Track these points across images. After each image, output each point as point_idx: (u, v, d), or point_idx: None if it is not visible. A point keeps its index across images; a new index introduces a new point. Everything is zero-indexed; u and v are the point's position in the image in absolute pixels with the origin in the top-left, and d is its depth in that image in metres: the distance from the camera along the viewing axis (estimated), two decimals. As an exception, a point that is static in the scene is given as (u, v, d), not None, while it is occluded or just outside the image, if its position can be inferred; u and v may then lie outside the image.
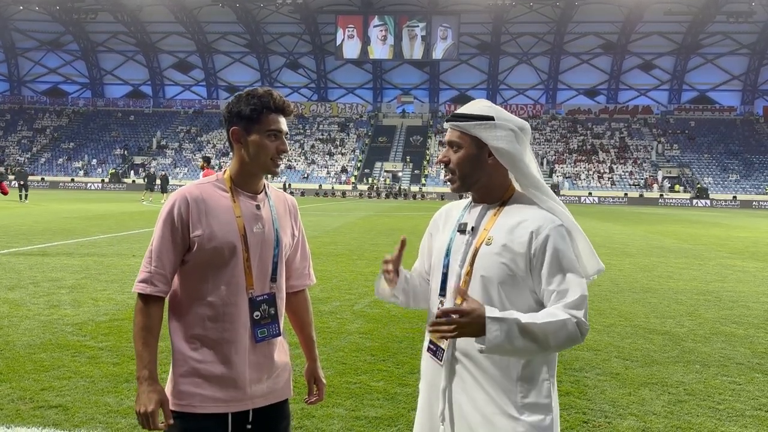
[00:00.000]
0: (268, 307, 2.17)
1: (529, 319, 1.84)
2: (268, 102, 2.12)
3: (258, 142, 2.12)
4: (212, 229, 2.09)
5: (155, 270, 2.10)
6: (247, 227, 2.13)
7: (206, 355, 2.10)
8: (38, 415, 4.12)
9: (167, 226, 2.11)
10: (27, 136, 75.39)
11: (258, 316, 2.14)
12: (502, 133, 1.99)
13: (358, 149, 72.12)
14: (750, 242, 19.16)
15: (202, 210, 2.10)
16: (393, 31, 73.26)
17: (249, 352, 2.13)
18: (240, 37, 78.47)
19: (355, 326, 6.80)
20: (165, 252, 2.10)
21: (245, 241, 2.12)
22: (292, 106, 2.21)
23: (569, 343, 1.90)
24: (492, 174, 2.04)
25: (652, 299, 8.98)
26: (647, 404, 4.64)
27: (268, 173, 2.20)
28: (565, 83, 79.71)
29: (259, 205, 2.19)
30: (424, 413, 2.12)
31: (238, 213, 2.13)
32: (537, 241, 1.93)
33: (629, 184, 63.39)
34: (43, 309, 7.25)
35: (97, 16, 71.34)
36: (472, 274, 1.99)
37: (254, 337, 2.14)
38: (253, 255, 2.14)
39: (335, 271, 10.86)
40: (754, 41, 72.28)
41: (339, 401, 4.48)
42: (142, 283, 2.11)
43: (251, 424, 2.15)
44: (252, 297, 2.14)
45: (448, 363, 2.00)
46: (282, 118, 2.16)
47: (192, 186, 2.18)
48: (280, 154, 2.15)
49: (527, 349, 1.86)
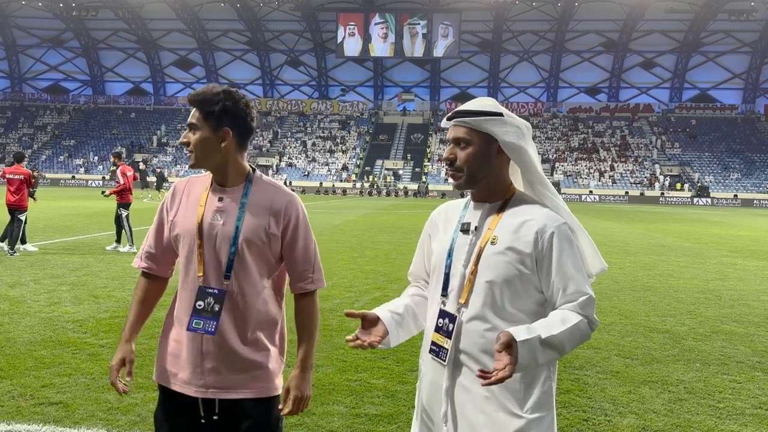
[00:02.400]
0: (214, 301, 2.16)
1: (549, 331, 1.84)
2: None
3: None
4: (179, 216, 2.24)
5: (146, 249, 2.33)
6: (205, 217, 2.19)
7: (173, 334, 2.25)
8: (39, 411, 4.12)
9: (158, 212, 2.32)
10: (28, 134, 75.37)
11: (200, 306, 2.16)
12: (512, 129, 2.00)
13: (359, 147, 72.09)
14: (751, 241, 19.15)
15: (179, 198, 2.27)
16: (394, 28, 73.16)
17: (203, 340, 2.16)
18: (241, 35, 78.43)
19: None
20: (154, 234, 2.32)
21: (200, 230, 2.18)
22: (195, 95, 2.23)
23: (582, 342, 1.93)
24: (497, 171, 2.04)
25: (653, 297, 8.98)
26: (647, 402, 4.64)
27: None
28: (566, 81, 79.61)
29: (222, 198, 2.21)
30: (423, 413, 2.10)
31: (202, 203, 2.21)
32: (542, 240, 1.92)
33: (630, 183, 63.34)
34: (44, 306, 7.26)
35: (98, 13, 71.25)
36: (476, 273, 1.97)
37: (188, 324, 2.16)
38: (207, 245, 2.17)
39: (336, 268, 10.86)
40: (755, 39, 72.16)
41: (339, 398, 4.49)
42: (137, 259, 2.36)
43: (218, 416, 2.17)
44: (201, 286, 2.17)
45: (452, 363, 1.99)
46: (193, 110, 2.23)
47: (188, 177, 2.35)
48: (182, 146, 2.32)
49: (550, 358, 1.89)
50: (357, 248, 14.01)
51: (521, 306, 1.94)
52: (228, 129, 2.18)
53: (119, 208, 12.95)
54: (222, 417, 2.17)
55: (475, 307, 1.96)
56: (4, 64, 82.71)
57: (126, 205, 12.98)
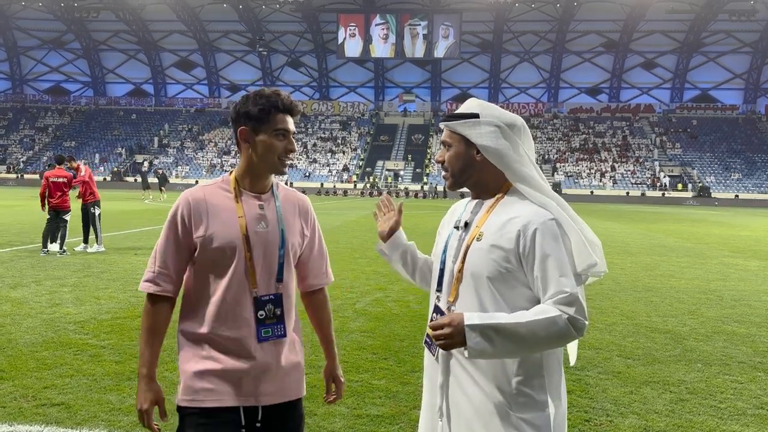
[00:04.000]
0: (274, 307, 2.18)
1: (512, 319, 1.84)
2: (276, 102, 2.15)
3: (266, 141, 2.15)
4: (214, 229, 2.13)
5: (159, 270, 2.17)
6: (249, 227, 2.15)
7: (213, 353, 2.13)
8: (40, 413, 4.12)
9: (171, 229, 2.18)
10: (29, 135, 75.46)
11: (263, 316, 2.15)
12: (487, 130, 2.02)
13: (360, 148, 72.11)
14: (752, 241, 19.14)
15: (204, 211, 2.15)
16: (395, 29, 73.21)
17: (255, 350, 2.14)
18: (242, 36, 78.49)
19: (356, 324, 6.81)
20: (169, 253, 2.17)
21: (247, 241, 2.13)
22: (299, 106, 2.24)
23: (562, 340, 1.88)
24: (483, 171, 2.06)
25: (654, 298, 8.98)
26: (649, 403, 4.64)
27: (275, 173, 2.23)
28: (566, 82, 79.62)
29: (263, 205, 2.20)
30: (427, 409, 2.13)
31: (241, 213, 2.15)
32: (525, 237, 1.92)
33: (631, 183, 63.30)
34: (46, 307, 7.27)
35: (99, 15, 71.38)
36: (463, 270, 1.99)
37: (257, 337, 2.15)
38: (257, 254, 2.15)
39: (337, 269, 10.82)
40: (756, 39, 72.14)
41: (341, 399, 4.49)
42: (147, 282, 2.18)
43: (261, 422, 2.16)
44: (257, 296, 2.15)
45: (443, 358, 2.02)
46: (289, 118, 2.18)
47: (197, 188, 2.23)
48: (287, 153, 2.18)
49: (514, 349, 1.87)
50: (358, 249, 14.01)
51: (511, 302, 1.93)
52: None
53: (92, 207, 12.91)
54: (264, 423, 2.18)
55: (464, 303, 1.98)
56: (6, 65, 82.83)
57: (98, 203, 13.06)
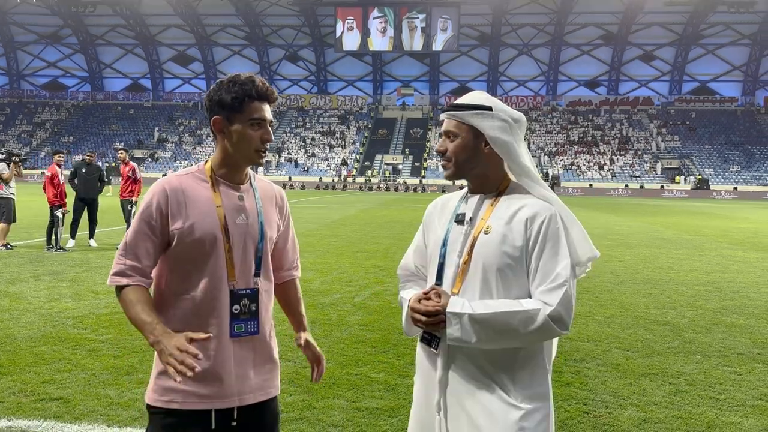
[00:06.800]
0: (249, 302, 2.08)
1: (487, 309, 1.88)
2: (250, 89, 2.03)
3: (241, 131, 2.03)
4: (192, 220, 2.01)
5: (130, 263, 2.02)
6: (228, 218, 2.05)
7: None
8: (39, 407, 4.12)
9: (144, 220, 2.03)
10: (26, 130, 75.30)
11: (237, 310, 2.05)
12: (499, 123, 2.03)
13: (359, 142, 72.03)
14: (750, 233, 19.15)
15: (182, 201, 2.03)
16: (393, 22, 73.02)
17: (233, 346, 2.04)
18: (239, 30, 78.26)
19: (355, 318, 6.81)
20: (141, 245, 2.02)
21: (226, 233, 2.04)
22: (275, 93, 2.11)
23: (543, 332, 1.89)
24: (488, 163, 2.06)
25: (653, 290, 8.98)
26: (648, 394, 4.64)
27: (252, 163, 2.11)
28: (565, 74, 79.51)
29: (243, 196, 2.10)
30: (420, 404, 2.11)
31: (219, 203, 2.05)
32: (532, 227, 1.95)
33: (630, 176, 63.30)
34: (44, 302, 7.26)
35: (96, 9, 71.12)
36: (470, 263, 1.99)
37: (230, 332, 2.04)
38: (236, 247, 2.05)
39: (335, 263, 10.86)
40: (755, 31, 72.02)
41: (340, 392, 4.49)
42: (117, 276, 2.03)
43: (236, 421, 2.07)
44: (233, 290, 2.05)
45: (444, 352, 2.00)
46: (266, 106, 2.07)
47: (172, 177, 2.09)
48: (264, 143, 2.07)
49: (493, 339, 1.89)
50: (357, 243, 14.01)
51: (515, 295, 1.95)
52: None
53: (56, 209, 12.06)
54: (240, 423, 2.08)
55: (467, 297, 1.97)
56: (2, 60, 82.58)
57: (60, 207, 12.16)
